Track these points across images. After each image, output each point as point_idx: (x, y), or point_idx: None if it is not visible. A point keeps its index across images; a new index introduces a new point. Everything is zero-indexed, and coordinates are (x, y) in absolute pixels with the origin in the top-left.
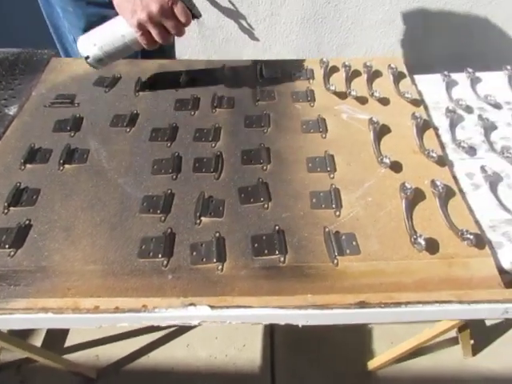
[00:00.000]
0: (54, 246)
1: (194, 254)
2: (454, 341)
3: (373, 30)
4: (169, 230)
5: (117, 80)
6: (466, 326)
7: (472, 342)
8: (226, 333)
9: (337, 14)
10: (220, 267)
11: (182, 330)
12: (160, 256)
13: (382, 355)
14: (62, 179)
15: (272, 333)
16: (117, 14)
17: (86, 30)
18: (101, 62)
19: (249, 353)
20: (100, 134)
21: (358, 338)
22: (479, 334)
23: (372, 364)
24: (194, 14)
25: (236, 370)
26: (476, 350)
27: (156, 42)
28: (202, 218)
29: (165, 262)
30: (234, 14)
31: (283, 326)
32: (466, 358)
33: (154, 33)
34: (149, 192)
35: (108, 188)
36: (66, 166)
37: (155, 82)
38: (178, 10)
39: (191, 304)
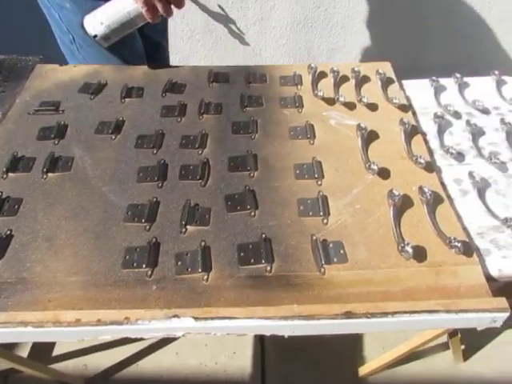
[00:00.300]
0: (36, 256)
1: (179, 263)
2: (444, 346)
3: (362, 35)
4: (153, 240)
5: (102, 86)
6: (456, 331)
7: (463, 347)
8: (216, 340)
9: (327, 18)
10: (205, 277)
11: (170, 337)
12: (144, 266)
13: (373, 361)
14: (45, 188)
15: (262, 340)
16: None
17: (83, 25)
18: (108, 39)
19: (239, 360)
20: (85, 141)
21: (349, 343)
22: (470, 339)
23: (363, 370)
24: None
25: (226, 377)
26: (467, 355)
27: (159, 16)
28: (188, 227)
29: (149, 273)
30: (223, 19)
31: None
32: (456, 363)
33: (160, 6)
34: (134, 200)
35: (92, 196)
36: (50, 174)
37: (142, 89)
38: None
39: (175, 316)
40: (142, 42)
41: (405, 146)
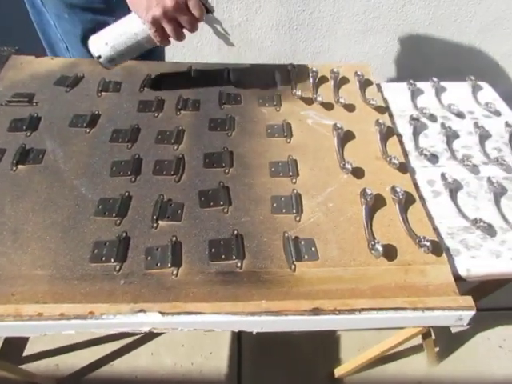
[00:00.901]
0: (1, 249)
1: (149, 258)
2: (419, 348)
3: (347, 39)
4: (124, 234)
5: (79, 79)
6: (429, 333)
7: (437, 349)
8: (192, 340)
9: (311, 22)
10: (175, 272)
11: (146, 337)
12: (113, 260)
13: (348, 362)
14: (14, 180)
15: (239, 340)
16: (114, 21)
17: (83, 37)
18: (113, 61)
19: (215, 361)
20: (58, 134)
21: (326, 344)
22: (443, 341)
23: (339, 371)
24: (208, 8)
25: (203, 378)
26: (441, 357)
27: (169, 39)
28: (159, 222)
29: (117, 267)
30: (208, 19)
31: (250, 333)
32: (431, 364)
33: (169, 29)
34: (105, 194)
35: (62, 189)
36: (20, 166)
37: (120, 83)
38: (192, 4)
39: (141, 310)
40: None
41: (380, 147)
